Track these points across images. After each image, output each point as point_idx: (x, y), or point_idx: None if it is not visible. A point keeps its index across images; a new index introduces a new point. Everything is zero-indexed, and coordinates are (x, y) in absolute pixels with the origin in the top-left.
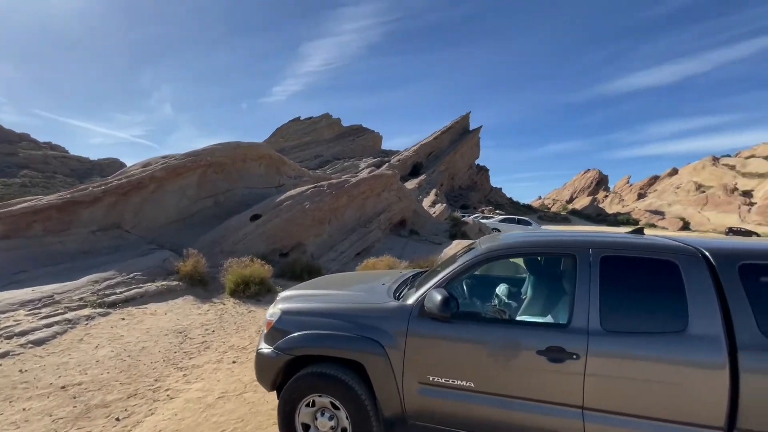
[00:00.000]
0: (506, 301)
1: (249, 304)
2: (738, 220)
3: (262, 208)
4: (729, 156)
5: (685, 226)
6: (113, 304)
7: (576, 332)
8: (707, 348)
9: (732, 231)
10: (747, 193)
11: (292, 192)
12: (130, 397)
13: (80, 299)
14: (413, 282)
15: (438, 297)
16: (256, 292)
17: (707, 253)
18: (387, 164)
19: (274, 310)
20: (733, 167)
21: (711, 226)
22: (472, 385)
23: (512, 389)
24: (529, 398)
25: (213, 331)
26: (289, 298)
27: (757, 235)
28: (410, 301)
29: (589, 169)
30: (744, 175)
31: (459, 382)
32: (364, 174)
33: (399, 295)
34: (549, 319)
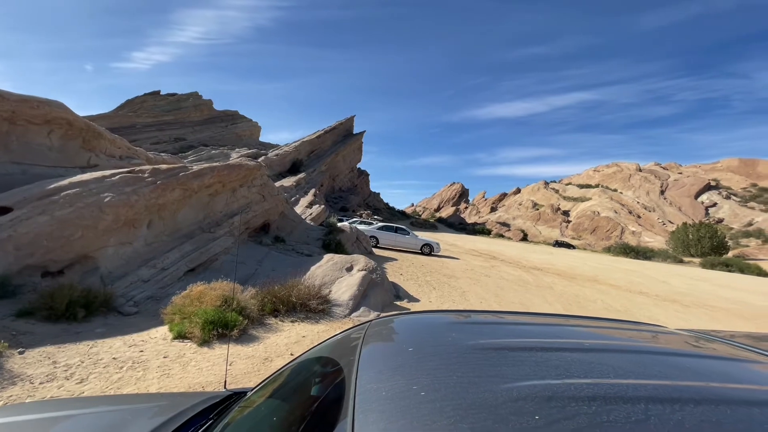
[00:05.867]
0: None
1: None
2: (559, 234)
3: (17, 198)
4: (555, 181)
5: (524, 237)
6: None
7: None
8: None
9: (557, 243)
10: (566, 213)
11: (84, 177)
12: None
13: None
14: None
15: None
16: None
17: None
18: (264, 158)
19: None
20: (557, 191)
21: (542, 238)
22: None
23: None
24: None
25: None
26: None
27: (574, 247)
28: None
29: (454, 183)
30: (565, 198)
31: None
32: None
33: None
34: None
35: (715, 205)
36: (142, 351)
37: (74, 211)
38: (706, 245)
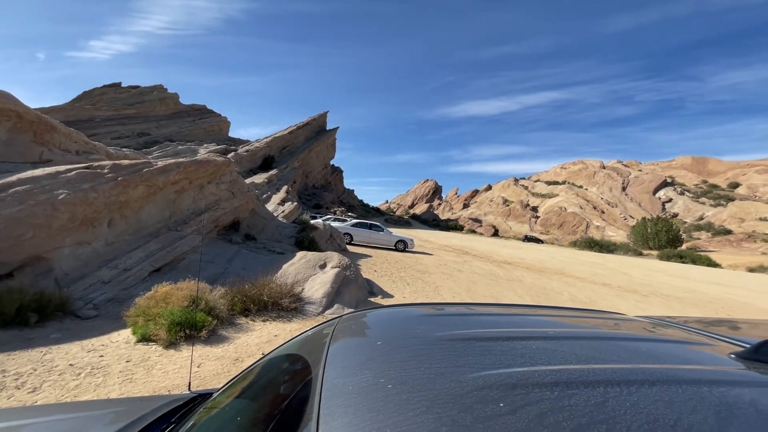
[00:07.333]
0: None
1: None
2: (529, 229)
3: None
4: (524, 178)
5: (496, 232)
6: None
7: None
8: None
9: (527, 238)
10: (535, 209)
11: (36, 172)
12: None
13: None
14: None
15: None
16: None
17: None
18: (234, 154)
19: None
20: (527, 188)
21: (512, 233)
22: None
23: None
24: None
25: None
26: None
27: (542, 241)
28: None
29: (428, 180)
30: (534, 194)
31: None
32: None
33: None
34: None
35: (670, 200)
36: (102, 356)
37: (24, 209)
38: (663, 238)
